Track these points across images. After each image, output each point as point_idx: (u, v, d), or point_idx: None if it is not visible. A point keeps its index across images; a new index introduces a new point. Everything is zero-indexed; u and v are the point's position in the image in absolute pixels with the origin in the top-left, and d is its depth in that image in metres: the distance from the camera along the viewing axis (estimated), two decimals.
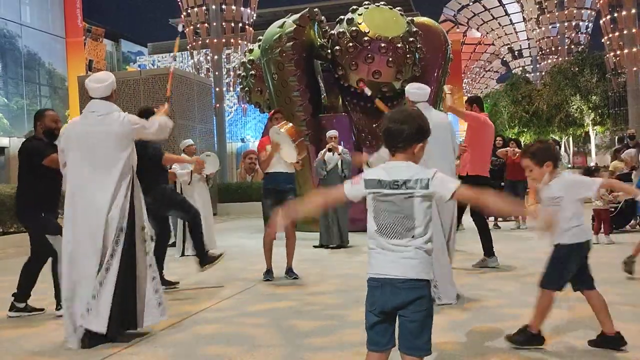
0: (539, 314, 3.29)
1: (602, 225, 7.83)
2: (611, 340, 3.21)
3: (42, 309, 4.78)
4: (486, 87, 62.16)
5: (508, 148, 10.31)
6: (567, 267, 3.26)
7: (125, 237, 3.82)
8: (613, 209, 8.51)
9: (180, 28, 31.41)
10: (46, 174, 4.61)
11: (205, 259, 5.51)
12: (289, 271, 6.00)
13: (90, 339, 3.71)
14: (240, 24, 30.30)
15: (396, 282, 2.22)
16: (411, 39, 10.26)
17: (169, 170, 7.72)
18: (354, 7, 10.68)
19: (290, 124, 5.96)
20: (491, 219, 10.40)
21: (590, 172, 7.75)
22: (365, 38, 9.97)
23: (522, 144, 11.86)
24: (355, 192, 2.35)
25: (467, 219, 6.41)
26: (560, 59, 40.29)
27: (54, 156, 4.37)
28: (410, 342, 2.22)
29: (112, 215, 3.79)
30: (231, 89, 32.88)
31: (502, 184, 10.43)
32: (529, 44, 54.35)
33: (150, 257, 3.98)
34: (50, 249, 4.60)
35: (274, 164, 5.88)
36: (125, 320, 3.86)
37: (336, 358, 3.32)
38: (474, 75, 64.45)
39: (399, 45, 10.00)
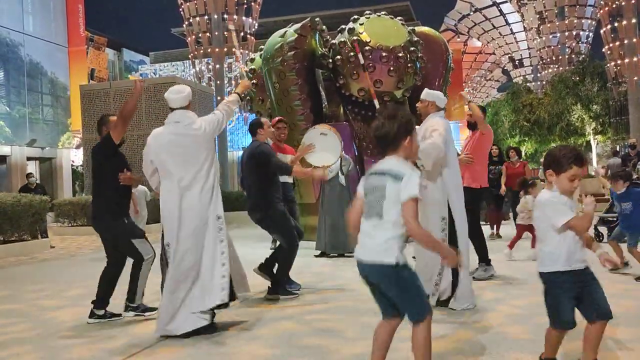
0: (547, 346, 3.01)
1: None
2: None
3: (120, 315, 4.79)
4: (487, 96, 62.24)
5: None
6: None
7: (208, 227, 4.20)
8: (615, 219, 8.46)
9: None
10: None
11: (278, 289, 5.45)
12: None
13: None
14: (242, 33, 30.44)
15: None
16: (412, 49, 10.28)
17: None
18: (355, 16, 10.71)
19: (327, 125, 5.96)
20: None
21: (525, 184, 7.78)
22: (367, 47, 9.99)
23: (523, 152, 11.92)
24: None
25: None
26: (561, 68, 40.36)
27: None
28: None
29: (209, 213, 4.18)
30: None
31: (500, 192, 10.42)
32: (529, 53, 54.47)
33: (224, 244, 4.20)
34: (128, 254, 4.76)
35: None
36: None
37: None
38: (475, 85, 64.54)
39: (400, 54, 10.02)
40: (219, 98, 27.19)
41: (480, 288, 5.42)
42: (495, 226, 10.33)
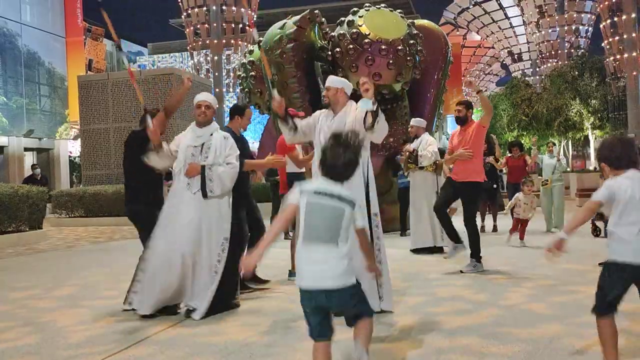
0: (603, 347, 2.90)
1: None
2: None
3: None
4: (486, 90, 62.18)
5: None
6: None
7: None
8: None
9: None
10: None
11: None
12: None
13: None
14: (241, 25, 30.32)
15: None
16: (412, 42, 10.24)
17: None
18: (355, 9, 10.66)
19: None
20: (487, 221, 10.41)
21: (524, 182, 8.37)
22: (366, 40, 9.95)
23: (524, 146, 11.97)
24: None
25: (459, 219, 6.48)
26: (560, 62, 40.36)
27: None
28: None
29: None
30: (231, 89, 32.88)
31: (495, 185, 10.47)
32: (528, 47, 54.42)
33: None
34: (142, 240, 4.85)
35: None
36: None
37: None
38: (473, 78, 64.50)
39: (400, 47, 9.98)
40: (217, 90, 27.14)
41: (492, 273, 5.94)
42: (493, 218, 10.39)
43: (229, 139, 4.68)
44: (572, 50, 42.35)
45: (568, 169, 28.79)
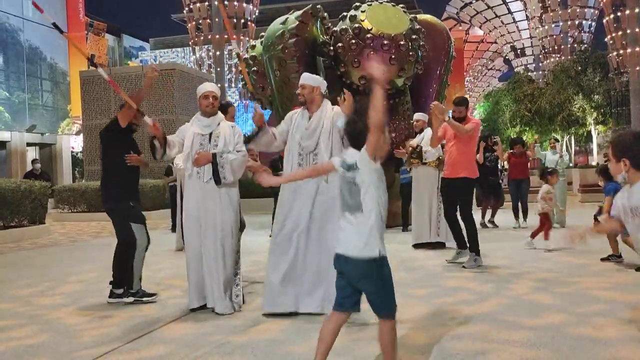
0: None
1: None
2: None
3: (155, 294, 5.00)
4: (488, 86, 62.05)
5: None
6: None
7: None
8: None
9: None
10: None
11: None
12: None
13: None
14: (243, 20, 30.26)
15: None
16: (414, 37, 10.20)
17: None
18: (357, 4, 10.63)
19: None
20: (487, 217, 10.39)
21: (545, 173, 7.88)
22: (368, 35, 9.92)
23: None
24: None
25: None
26: (563, 57, 40.17)
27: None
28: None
29: None
30: (233, 85, 32.86)
31: (500, 181, 10.49)
32: (531, 42, 54.23)
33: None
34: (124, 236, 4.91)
35: None
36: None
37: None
38: (476, 74, 64.31)
39: (402, 42, 9.95)
40: (219, 85, 27.06)
41: (496, 267, 6.08)
42: (492, 213, 10.39)
43: (236, 128, 4.70)
44: (575, 45, 42.15)
45: (570, 165, 28.74)
